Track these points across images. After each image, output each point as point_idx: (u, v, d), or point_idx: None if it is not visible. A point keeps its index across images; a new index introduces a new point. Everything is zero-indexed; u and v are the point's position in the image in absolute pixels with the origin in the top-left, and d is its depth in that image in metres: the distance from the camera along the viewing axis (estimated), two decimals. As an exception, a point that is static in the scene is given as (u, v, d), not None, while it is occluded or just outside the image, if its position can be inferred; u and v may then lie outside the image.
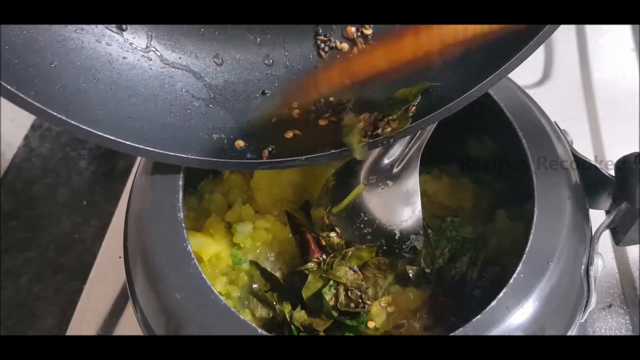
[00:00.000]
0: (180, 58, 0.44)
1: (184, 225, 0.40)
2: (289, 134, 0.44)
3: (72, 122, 0.37)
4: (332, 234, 0.49)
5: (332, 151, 0.42)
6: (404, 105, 0.41)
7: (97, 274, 0.63)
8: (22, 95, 0.35)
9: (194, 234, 0.47)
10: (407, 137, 0.48)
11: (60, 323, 0.67)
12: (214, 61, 0.44)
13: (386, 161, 0.49)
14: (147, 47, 0.42)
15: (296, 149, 0.43)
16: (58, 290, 0.71)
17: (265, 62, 0.45)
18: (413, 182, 0.48)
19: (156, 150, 0.41)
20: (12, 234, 0.76)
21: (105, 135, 0.39)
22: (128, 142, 0.40)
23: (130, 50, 0.42)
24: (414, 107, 0.41)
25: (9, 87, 0.35)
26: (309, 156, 0.42)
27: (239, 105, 0.45)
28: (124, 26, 0.41)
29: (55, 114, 0.37)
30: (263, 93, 0.45)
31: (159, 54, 0.43)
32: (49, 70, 0.38)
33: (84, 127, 0.38)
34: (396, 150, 0.48)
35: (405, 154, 0.48)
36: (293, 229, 0.49)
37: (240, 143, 0.43)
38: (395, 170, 0.49)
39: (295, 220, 0.49)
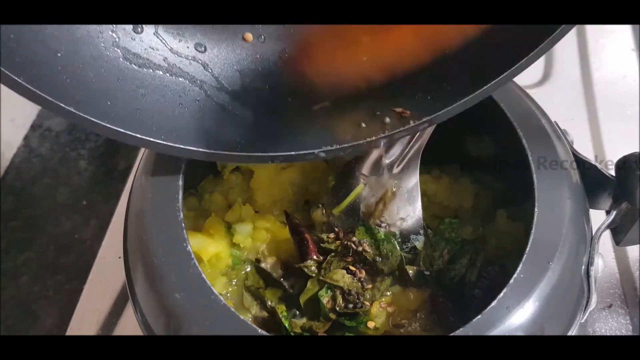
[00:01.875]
0: (187, 47, 0.43)
1: (184, 225, 0.40)
2: (304, 125, 0.43)
3: (80, 114, 0.37)
4: (332, 235, 0.49)
5: (344, 145, 0.41)
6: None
7: (97, 274, 0.63)
8: (30, 87, 0.35)
9: (194, 234, 0.47)
10: (407, 137, 0.48)
11: (60, 323, 0.67)
12: (220, 51, 0.44)
13: (386, 161, 0.49)
14: (154, 33, 0.42)
15: (311, 142, 0.42)
16: (58, 290, 0.71)
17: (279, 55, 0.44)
18: (413, 182, 0.49)
19: (165, 142, 0.40)
20: (12, 234, 0.77)
21: (114, 128, 0.38)
22: (137, 135, 0.39)
23: (137, 40, 0.41)
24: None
25: (16, 78, 0.34)
26: (325, 149, 0.41)
27: (249, 96, 0.44)
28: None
29: (63, 105, 0.36)
30: (271, 85, 0.45)
31: (166, 45, 0.42)
32: (55, 60, 0.37)
33: (92, 119, 0.37)
34: (396, 151, 0.48)
35: (406, 154, 0.48)
36: (291, 229, 0.49)
37: (251, 135, 0.42)
38: (395, 170, 0.49)
39: (294, 220, 0.49)
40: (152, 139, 0.40)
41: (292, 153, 0.42)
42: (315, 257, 0.47)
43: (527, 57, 0.37)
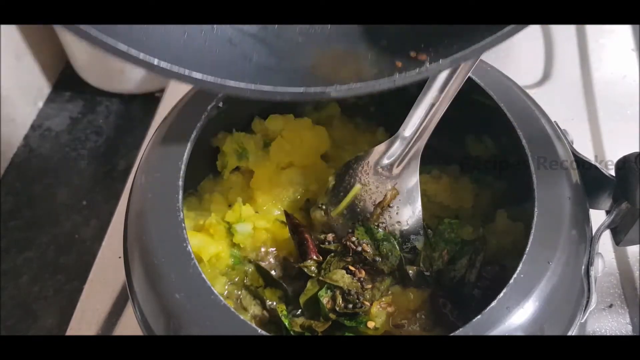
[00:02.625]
0: None
1: (184, 225, 0.40)
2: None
3: (94, 35, 0.36)
4: (331, 236, 0.49)
5: (355, 85, 0.40)
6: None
7: (97, 274, 0.63)
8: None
9: (194, 234, 0.47)
10: (407, 137, 0.48)
11: (60, 323, 0.67)
12: None
13: (386, 161, 0.49)
14: None
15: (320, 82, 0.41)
16: (58, 290, 0.71)
17: None
18: (413, 182, 0.49)
19: (179, 70, 0.38)
20: (12, 234, 0.77)
21: (126, 50, 0.37)
22: (139, 56, 0.38)
23: None
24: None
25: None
26: (337, 88, 0.39)
27: (260, 34, 0.44)
28: None
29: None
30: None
31: None
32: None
33: (108, 42, 0.36)
34: (396, 150, 0.48)
35: (405, 154, 0.48)
36: (291, 229, 0.49)
37: (260, 71, 0.42)
38: (395, 170, 0.49)
39: (294, 220, 0.49)
40: (154, 61, 0.38)
41: (302, 90, 0.41)
42: (315, 257, 0.47)
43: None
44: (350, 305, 0.45)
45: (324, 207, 0.50)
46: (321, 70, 0.43)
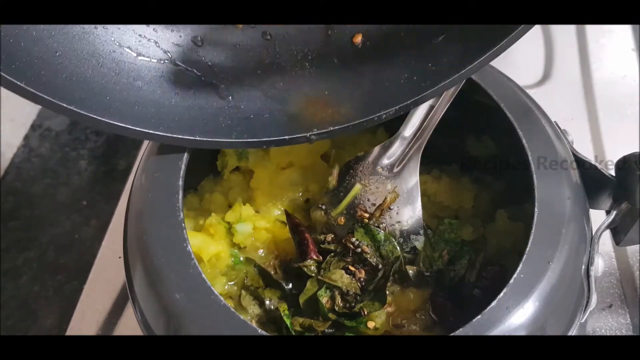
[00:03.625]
0: (180, 37, 0.44)
1: (184, 225, 0.40)
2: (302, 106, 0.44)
3: (82, 112, 0.38)
4: (330, 236, 0.49)
5: (336, 127, 0.42)
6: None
7: (97, 274, 0.63)
8: (31, 89, 0.35)
9: (194, 234, 0.47)
10: (407, 137, 0.48)
11: (60, 323, 0.67)
12: (213, 38, 0.44)
13: (386, 161, 0.49)
14: (147, 25, 0.42)
15: (302, 126, 0.43)
16: (58, 290, 0.71)
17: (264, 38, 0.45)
18: (413, 182, 0.49)
19: (164, 134, 0.41)
20: (12, 234, 0.77)
21: (114, 123, 0.39)
22: (136, 128, 0.40)
23: (131, 33, 0.42)
24: None
25: (17, 82, 0.35)
26: (313, 132, 0.42)
27: (243, 83, 0.45)
28: None
29: (64, 105, 0.37)
30: (262, 71, 0.45)
31: (160, 36, 0.43)
32: (54, 59, 0.38)
33: (93, 116, 0.38)
34: (396, 150, 0.48)
35: (405, 154, 0.48)
36: (291, 228, 0.49)
37: (245, 122, 0.43)
38: (395, 170, 0.49)
39: (294, 220, 0.49)
40: (151, 131, 0.41)
41: (286, 137, 0.42)
42: (315, 257, 0.47)
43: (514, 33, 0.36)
44: (349, 305, 0.45)
45: (324, 207, 0.50)
46: (303, 115, 0.44)
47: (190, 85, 0.43)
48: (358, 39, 0.44)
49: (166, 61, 0.43)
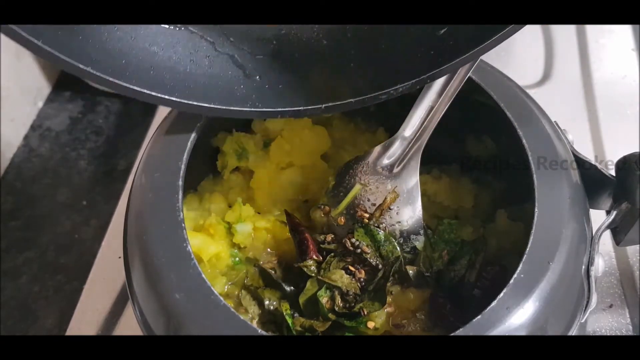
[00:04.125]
0: None
1: (184, 225, 0.40)
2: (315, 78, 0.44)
3: (97, 73, 0.38)
4: (330, 236, 0.49)
5: (351, 100, 0.42)
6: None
7: (97, 274, 0.63)
8: (49, 49, 0.35)
9: (194, 234, 0.47)
10: (407, 137, 0.48)
11: (60, 323, 0.67)
12: None
13: (386, 161, 0.49)
14: None
15: (317, 97, 0.43)
16: (58, 290, 0.71)
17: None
18: (413, 182, 0.48)
19: (178, 100, 0.41)
20: (12, 234, 0.76)
21: (129, 86, 0.39)
22: (151, 92, 0.40)
23: None
24: None
25: (35, 40, 0.35)
26: (328, 104, 0.42)
27: (258, 52, 0.45)
28: None
29: (81, 66, 0.37)
30: (278, 41, 0.45)
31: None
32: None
33: (109, 78, 0.38)
34: (396, 150, 0.48)
35: (405, 154, 0.48)
36: (291, 228, 0.49)
37: (260, 91, 0.43)
38: (395, 170, 0.49)
39: (294, 219, 0.49)
40: (165, 96, 0.41)
41: (300, 108, 0.42)
42: (315, 257, 0.47)
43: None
44: (349, 305, 0.45)
45: (324, 207, 0.50)
46: (318, 87, 0.44)
47: (206, 54, 0.43)
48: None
49: (182, 28, 0.43)
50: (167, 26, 0.43)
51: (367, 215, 0.48)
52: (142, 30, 0.42)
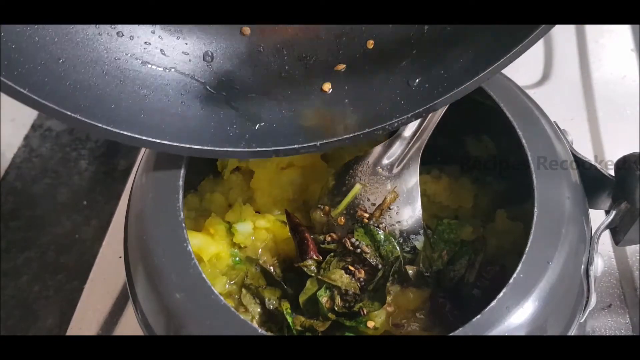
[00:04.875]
0: (186, 44, 0.43)
1: (184, 225, 0.40)
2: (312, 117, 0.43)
3: (87, 120, 0.37)
4: (330, 236, 0.49)
5: (346, 136, 0.41)
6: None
7: (97, 274, 0.63)
8: (34, 96, 0.35)
9: (194, 234, 0.47)
10: (407, 137, 0.48)
11: (60, 323, 0.67)
12: (219, 45, 0.44)
13: (386, 161, 0.49)
14: (152, 32, 0.42)
15: (311, 135, 0.42)
16: (58, 290, 0.71)
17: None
18: (413, 182, 0.49)
19: (170, 143, 0.40)
20: (12, 234, 0.77)
21: (120, 132, 0.38)
22: (142, 137, 0.39)
23: (135, 40, 0.41)
24: None
25: (20, 88, 0.34)
26: (323, 142, 0.41)
27: (249, 91, 0.44)
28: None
29: (68, 113, 0.36)
30: (266, 77, 0.45)
31: (165, 43, 0.42)
32: (57, 66, 0.37)
33: (98, 125, 0.37)
34: (396, 150, 0.48)
35: (405, 154, 0.48)
36: (292, 228, 0.49)
37: (253, 130, 0.43)
38: (395, 170, 0.49)
39: (294, 219, 0.49)
40: (157, 140, 0.40)
41: (295, 147, 0.42)
42: (315, 256, 0.47)
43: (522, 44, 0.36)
44: (348, 305, 0.45)
45: (324, 207, 0.50)
46: (313, 124, 0.44)
47: (197, 94, 0.43)
48: (370, 44, 0.44)
49: (172, 70, 0.43)
50: (157, 67, 0.42)
51: (367, 215, 0.48)
52: (131, 73, 0.41)
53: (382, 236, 0.47)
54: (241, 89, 0.45)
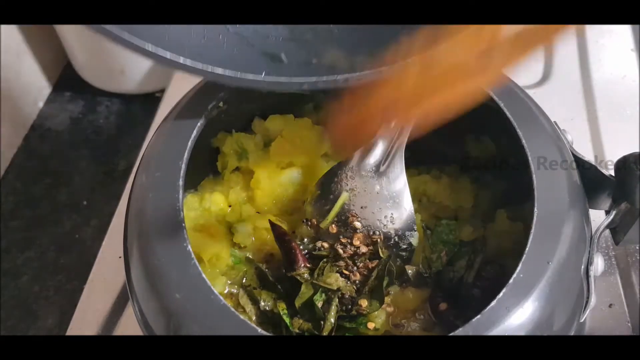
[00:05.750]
0: None
1: (184, 225, 0.40)
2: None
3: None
4: (324, 244, 0.48)
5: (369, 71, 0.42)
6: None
7: (97, 274, 0.63)
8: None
9: (194, 234, 0.47)
10: (389, 134, 0.48)
11: (60, 323, 0.67)
12: None
13: (371, 161, 0.48)
14: None
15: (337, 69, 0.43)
16: (58, 290, 0.71)
17: None
18: (401, 179, 0.48)
19: (189, 63, 0.41)
20: (12, 234, 0.77)
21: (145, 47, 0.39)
22: (166, 55, 0.40)
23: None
24: None
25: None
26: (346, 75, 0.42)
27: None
28: None
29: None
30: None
31: None
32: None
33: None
34: (379, 149, 0.48)
35: (389, 151, 0.48)
36: (277, 238, 0.48)
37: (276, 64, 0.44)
38: (382, 168, 0.48)
39: (279, 229, 0.48)
40: (179, 60, 0.41)
41: (314, 79, 0.42)
42: (305, 265, 0.46)
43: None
44: (344, 308, 0.45)
45: (310, 221, 0.49)
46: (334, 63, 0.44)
47: (219, 32, 0.44)
48: None
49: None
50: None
51: (358, 218, 0.48)
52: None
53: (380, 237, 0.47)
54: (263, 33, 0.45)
